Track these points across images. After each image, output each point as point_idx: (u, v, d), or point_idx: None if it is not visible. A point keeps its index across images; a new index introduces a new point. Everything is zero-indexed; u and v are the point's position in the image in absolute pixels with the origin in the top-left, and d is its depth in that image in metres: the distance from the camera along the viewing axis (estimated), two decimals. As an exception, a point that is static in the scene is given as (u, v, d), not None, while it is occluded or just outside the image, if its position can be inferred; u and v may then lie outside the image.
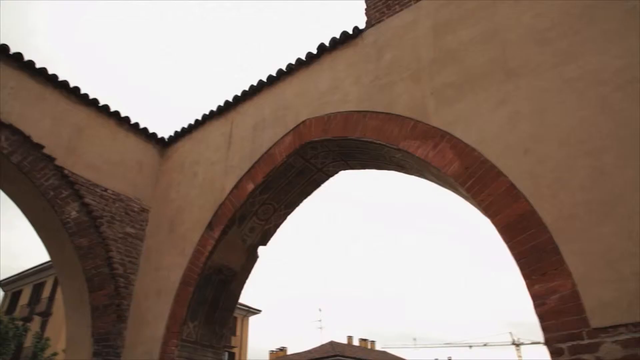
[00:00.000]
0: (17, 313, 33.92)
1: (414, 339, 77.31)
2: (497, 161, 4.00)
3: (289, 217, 6.70)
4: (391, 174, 6.00)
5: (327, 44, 6.13)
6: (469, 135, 4.30)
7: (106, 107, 7.44)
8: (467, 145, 4.26)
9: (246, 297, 43.49)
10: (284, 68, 6.59)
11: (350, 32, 5.93)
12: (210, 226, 6.39)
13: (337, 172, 6.39)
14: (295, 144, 5.94)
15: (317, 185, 6.49)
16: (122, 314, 6.80)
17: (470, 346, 55.03)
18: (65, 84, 6.95)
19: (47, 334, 29.67)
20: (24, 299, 37.46)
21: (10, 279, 39.50)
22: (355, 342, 50.14)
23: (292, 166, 6.11)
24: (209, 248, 6.24)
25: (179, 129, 8.02)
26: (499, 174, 3.93)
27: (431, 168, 4.64)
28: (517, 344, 50.90)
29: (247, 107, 7.01)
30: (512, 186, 3.81)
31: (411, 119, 4.83)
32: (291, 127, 6.08)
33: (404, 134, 4.83)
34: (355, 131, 5.34)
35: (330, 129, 5.60)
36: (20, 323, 28.24)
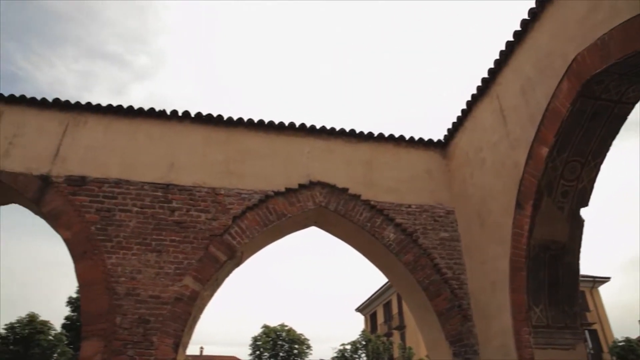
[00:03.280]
0: (379, 331, 38.88)
1: None
2: None
3: (602, 167, 5.84)
4: None
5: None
6: None
7: (381, 135, 8.12)
8: None
9: (588, 267, 39.16)
10: (527, 16, 5.99)
11: None
12: (519, 205, 6.09)
13: (641, 96, 5.30)
14: (575, 87, 5.20)
15: (621, 119, 5.47)
16: (466, 313, 7.02)
17: None
18: (343, 131, 7.94)
19: (407, 344, 32.97)
20: (380, 318, 42.83)
21: (365, 304, 45.92)
22: None
23: (582, 112, 5.36)
24: (526, 227, 5.91)
25: (450, 126, 8.14)
26: None
27: None
28: None
29: (506, 74, 6.58)
30: None
31: None
32: (563, 72, 5.38)
33: None
34: (645, 38, 4.34)
35: (611, 52, 4.70)
36: (385, 338, 32.33)
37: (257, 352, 31.09)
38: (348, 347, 30.69)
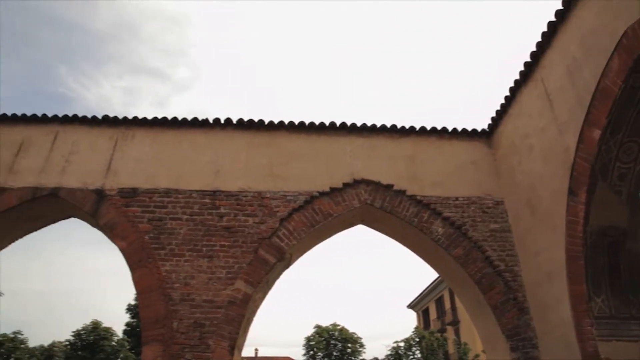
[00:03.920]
0: (432, 327, 38.24)
1: None
2: None
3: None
4: None
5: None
6: None
7: (423, 128, 7.99)
8: None
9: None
10: (569, -6, 5.76)
11: None
12: (571, 192, 5.84)
13: None
14: (627, 63, 4.92)
15: (681, 94, 5.17)
16: (522, 306, 6.80)
17: None
18: (384, 127, 7.87)
19: (462, 339, 32.29)
20: (432, 314, 42.16)
21: (416, 300, 45.33)
22: None
23: (635, 89, 5.05)
24: (581, 214, 5.66)
25: (493, 114, 7.93)
26: None
27: None
28: None
29: (551, 56, 6.35)
30: None
31: None
32: (612, 48, 5.10)
33: None
34: None
35: (666, 24, 4.45)
36: (438, 335, 31.84)
37: (311, 352, 31.32)
38: (401, 344, 30.39)
